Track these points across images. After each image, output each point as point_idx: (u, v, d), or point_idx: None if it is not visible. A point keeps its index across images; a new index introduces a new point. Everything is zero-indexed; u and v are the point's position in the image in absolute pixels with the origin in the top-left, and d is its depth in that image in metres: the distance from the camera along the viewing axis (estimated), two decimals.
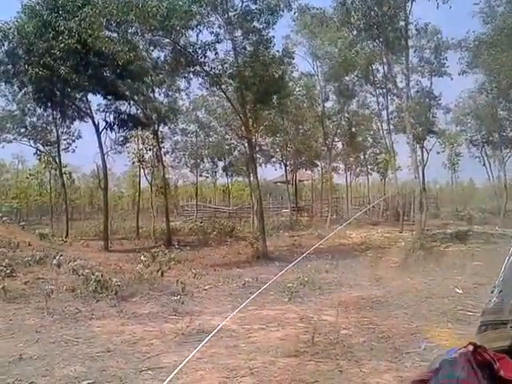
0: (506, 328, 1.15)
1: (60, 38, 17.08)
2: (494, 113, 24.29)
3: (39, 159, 29.50)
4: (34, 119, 26.05)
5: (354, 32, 19.61)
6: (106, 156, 20.99)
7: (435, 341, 7.01)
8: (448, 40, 24.40)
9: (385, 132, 26.08)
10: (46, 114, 24.60)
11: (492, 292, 1.26)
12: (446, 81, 25.64)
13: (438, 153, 30.33)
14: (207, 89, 21.23)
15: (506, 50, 19.30)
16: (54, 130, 25.39)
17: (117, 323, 8.37)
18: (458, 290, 10.33)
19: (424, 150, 26.78)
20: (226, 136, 28.30)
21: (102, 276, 10.24)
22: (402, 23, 18.67)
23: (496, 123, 24.27)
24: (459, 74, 23.56)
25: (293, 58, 19.82)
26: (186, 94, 25.05)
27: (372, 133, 31.28)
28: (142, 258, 13.20)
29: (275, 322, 8.44)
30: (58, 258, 11.68)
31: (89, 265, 11.92)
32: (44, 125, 26.34)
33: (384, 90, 24.68)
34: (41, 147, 27.32)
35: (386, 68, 22.48)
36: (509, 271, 1.27)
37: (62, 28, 17.18)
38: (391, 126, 25.44)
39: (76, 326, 8.09)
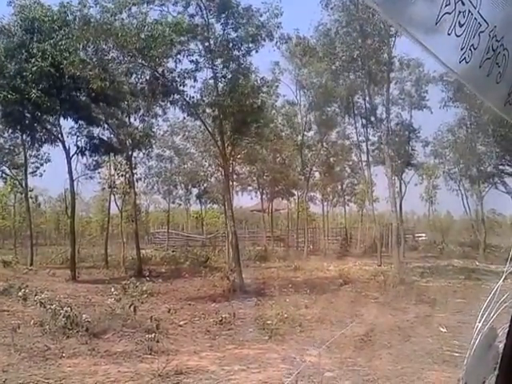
0: None
1: (33, 60, 16.74)
2: (472, 147, 24.36)
3: (5, 182, 28.58)
4: (1, 141, 25.15)
5: (337, 63, 19.59)
6: (76, 182, 20.38)
7: None
8: (429, 73, 24.49)
9: (364, 164, 25.68)
10: (14, 137, 23.86)
11: None
12: (425, 114, 25.56)
13: (416, 185, 30.55)
14: (184, 118, 20.91)
15: None
16: (22, 153, 24.56)
17: (89, 362, 7.98)
18: (441, 329, 10.09)
19: (402, 182, 26.85)
20: (204, 162, 27.76)
21: (71, 310, 9.71)
22: (386, 56, 18.80)
23: (474, 157, 24.31)
24: (440, 108, 23.65)
25: (270, 88, 19.76)
26: (164, 120, 24.54)
27: (351, 163, 30.66)
28: (112, 290, 12.68)
29: (256, 362, 8.17)
30: (23, 289, 11.07)
31: (57, 297, 11.45)
32: (12, 147, 25.46)
33: (365, 122, 24.29)
34: (7, 170, 26.36)
35: (367, 100, 22.53)
36: (471, 363, 1.38)
37: (36, 50, 16.89)
38: (370, 158, 25.05)
39: (46, 365, 7.67)
